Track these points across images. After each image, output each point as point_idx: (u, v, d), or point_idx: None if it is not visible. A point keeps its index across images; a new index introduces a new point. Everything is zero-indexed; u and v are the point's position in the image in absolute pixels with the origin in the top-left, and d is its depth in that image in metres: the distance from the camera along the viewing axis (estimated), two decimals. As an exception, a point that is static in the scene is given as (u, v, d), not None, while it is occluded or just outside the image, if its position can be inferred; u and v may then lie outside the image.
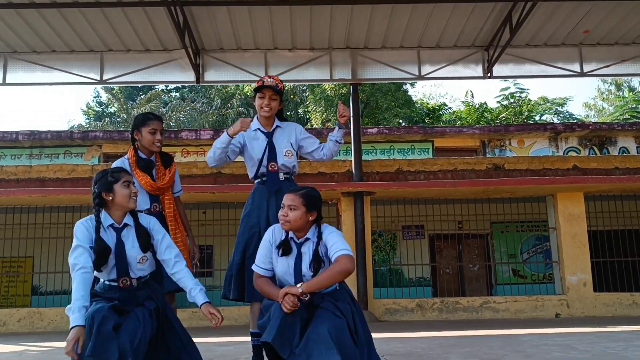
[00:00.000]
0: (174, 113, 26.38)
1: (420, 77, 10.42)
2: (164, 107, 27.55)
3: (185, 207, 4.20)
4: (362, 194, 10.38)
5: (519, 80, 22.87)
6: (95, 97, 31.71)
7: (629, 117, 22.84)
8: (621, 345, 4.74)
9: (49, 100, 63.04)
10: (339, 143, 3.79)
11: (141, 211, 3.53)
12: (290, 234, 3.11)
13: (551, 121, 23.45)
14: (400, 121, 23.51)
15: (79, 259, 2.90)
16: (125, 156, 3.88)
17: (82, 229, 3.03)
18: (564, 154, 15.60)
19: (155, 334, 3.00)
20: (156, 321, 3.02)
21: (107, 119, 28.20)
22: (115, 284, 3.03)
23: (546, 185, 10.24)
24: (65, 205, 10.70)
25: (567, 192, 10.37)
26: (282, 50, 10.20)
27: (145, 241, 3.10)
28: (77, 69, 10.14)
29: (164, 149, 4.07)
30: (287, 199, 3.08)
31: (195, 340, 3.36)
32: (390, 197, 10.86)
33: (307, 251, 3.08)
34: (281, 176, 3.70)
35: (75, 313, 2.77)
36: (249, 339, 3.72)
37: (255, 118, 3.83)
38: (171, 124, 25.92)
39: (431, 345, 5.31)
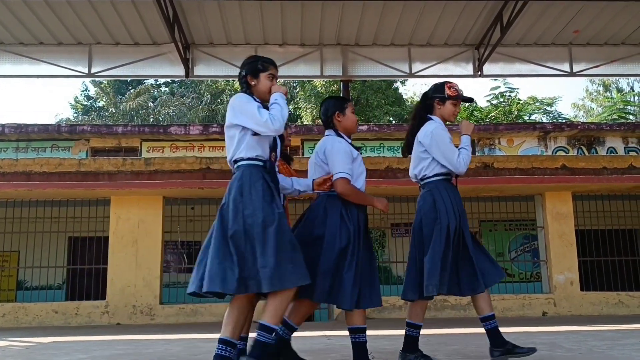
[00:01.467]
0: (163, 108, 26.22)
1: (411, 75, 10.42)
2: (153, 102, 27.38)
3: (173, 203, 4.22)
4: (352, 191, 10.33)
5: (509, 80, 22.96)
6: (83, 91, 31.41)
7: (617, 117, 23.01)
8: (607, 344, 4.76)
9: (36, 93, 62.44)
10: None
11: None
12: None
13: (540, 121, 23.57)
14: (391, 119, 23.53)
15: (264, 114, 2.99)
16: None
17: (247, 97, 3.11)
18: (552, 153, 15.66)
19: None
20: None
21: (95, 113, 27.98)
22: (261, 162, 3.10)
23: (535, 184, 10.27)
24: (52, 200, 10.58)
25: (555, 192, 10.41)
26: (273, 46, 10.15)
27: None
28: (65, 61, 10.03)
29: (153, 144, 4.13)
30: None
31: (181, 336, 3.33)
32: (380, 194, 10.81)
33: None
34: None
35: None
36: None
37: None
38: (160, 118, 25.75)
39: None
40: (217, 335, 3.05)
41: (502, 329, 3.79)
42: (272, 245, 2.85)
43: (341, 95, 10.69)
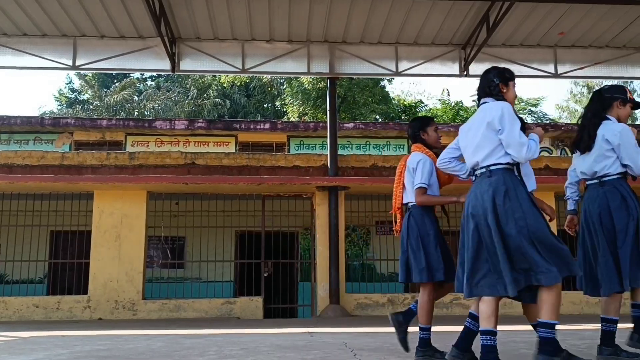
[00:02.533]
0: (148, 102, 26.00)
1: (398, 74, 10.44)
2: (138, 96, 27.15)
3: (157, 198, 4.17)
4: (337, 188, 10.37)
5: (494, 80, 23.11)
6: (67, 84, 31.07)
7: (600, 119, 23.25)
8: (586, 343, 4.81)
9: (19, 84, 61.59)
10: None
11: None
12: None
13: (525, 121, 23.77)
14: (377, 117, 23.57)
15: (524, 137, 3.17)
16: (418, 153, 4.11)
17: (513, 109, 3.22)
18: (536, 153, 15.80)
19: None
20: None
21: (79, 106, 27.68)
22: (514, 168, 3.24)
23: (518, 184, 10.36)
24: (34, 193, 10.47)
25: (538, 192, 10.47)
26: (260, 42, 10.12)
27: None
28: (49, 53, 9.91)
29: (138, 139, 4.10)
30: None
31: (163, 332, 3.31)
32: (365, 192, 10.86)
33: None
34: None
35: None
36: (216, 331, 3.69)
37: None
38: (146, 113, 25.55)
39: (401, 340, 5.31)
40: (200, 331, 3.03)
41: (483, 327, 3.80)
42: (544, 245, 3.07)
43: (328, 92, 10.67)
